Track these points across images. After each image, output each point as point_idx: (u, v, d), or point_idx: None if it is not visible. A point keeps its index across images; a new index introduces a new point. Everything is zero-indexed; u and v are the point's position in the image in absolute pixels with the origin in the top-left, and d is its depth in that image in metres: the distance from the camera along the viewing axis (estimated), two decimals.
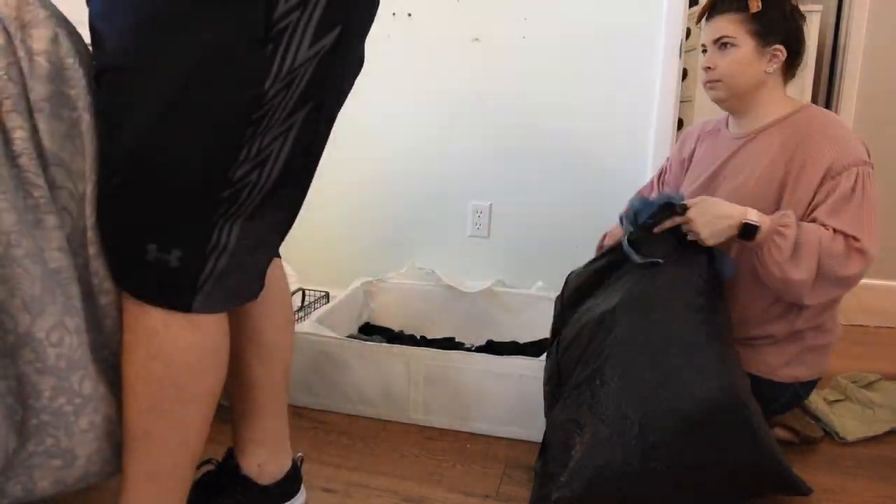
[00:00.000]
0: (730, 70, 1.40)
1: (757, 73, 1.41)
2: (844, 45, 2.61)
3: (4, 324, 0.77)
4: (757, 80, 1.41)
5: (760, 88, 1.42)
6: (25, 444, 0.82)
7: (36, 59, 0.83)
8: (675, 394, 1.15)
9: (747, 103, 1.45)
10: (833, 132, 1.36)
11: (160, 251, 0.83)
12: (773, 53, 1.40)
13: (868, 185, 1.30)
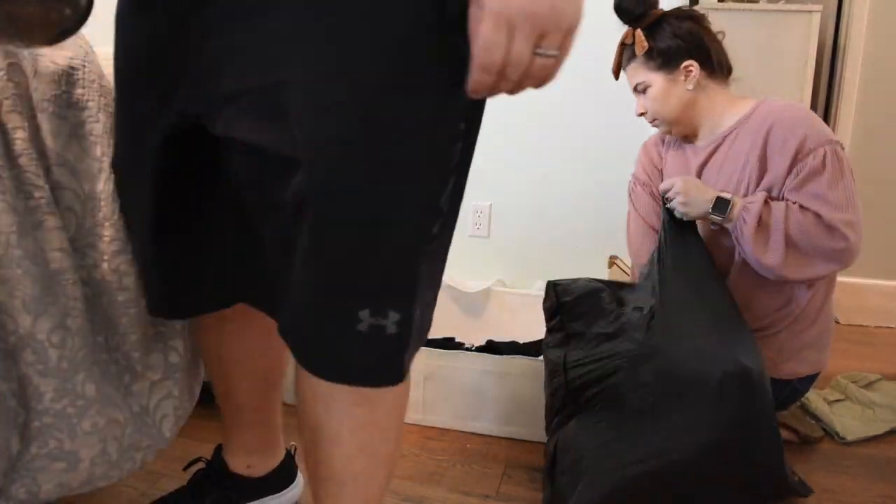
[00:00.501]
0: (655, 107, 1.46)
1: (681, 97, 1.44)
2: (844, 45, 2.61)
3: (5, 325, 0.76)
4: (684, 102, 1.44)
5: (694, 104, 1.45)
6: (28, 446, 0.81)
7: (40, 60, 0.83)
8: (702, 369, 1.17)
9: (691, 122, 1.48)
10: (796, 118, 1.36)
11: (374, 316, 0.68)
12: (685, 72, 1.42)
13: (838, 162, 1.30)
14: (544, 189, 2.19)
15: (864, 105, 2.51)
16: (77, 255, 0.86)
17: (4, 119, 0.79)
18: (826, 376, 1.85)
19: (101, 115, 0.89)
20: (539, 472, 1.41)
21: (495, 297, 2.11)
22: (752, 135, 1.39)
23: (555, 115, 2.13)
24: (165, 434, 0.98)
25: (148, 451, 0.94)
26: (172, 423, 0.99)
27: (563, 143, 2.14)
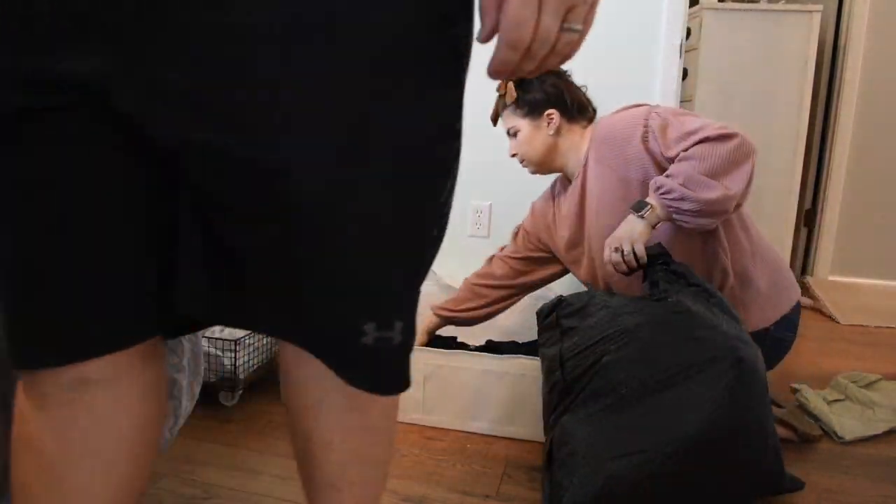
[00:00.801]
0: (524, 150, 1.63)
1: (544, 141, 1.61)
2: (844, 45, 2.61)
3: None
4: (548, 145, 1.61)
5: (557, 147, 1.62)
6: None
7: None
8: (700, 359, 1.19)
9: (554, 163, 1.64)
10: (612, 121, 1.55)
11: (380, 329, 0.64)
12: (548, 119, 1.59)
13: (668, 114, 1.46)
14: (544, 189, 2.19)
15: (864, 105, 2.51)
16: None
17: None
18: (826, 376, 1.85)
19: None
20: (539, 472, 1.41)
21: None
22: (596, 164, 1.54)
23: None
24: (167, 434, 0.98)
25: None
26: (173, 424, 0.99)
27: None
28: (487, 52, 0.59)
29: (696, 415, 1.14)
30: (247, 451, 1.48)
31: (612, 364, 1.21)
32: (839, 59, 2.65)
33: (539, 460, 1.45)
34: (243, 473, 1.39)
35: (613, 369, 1.21)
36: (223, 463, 1.43)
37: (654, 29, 2.00)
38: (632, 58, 2.03)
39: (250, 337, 1.71)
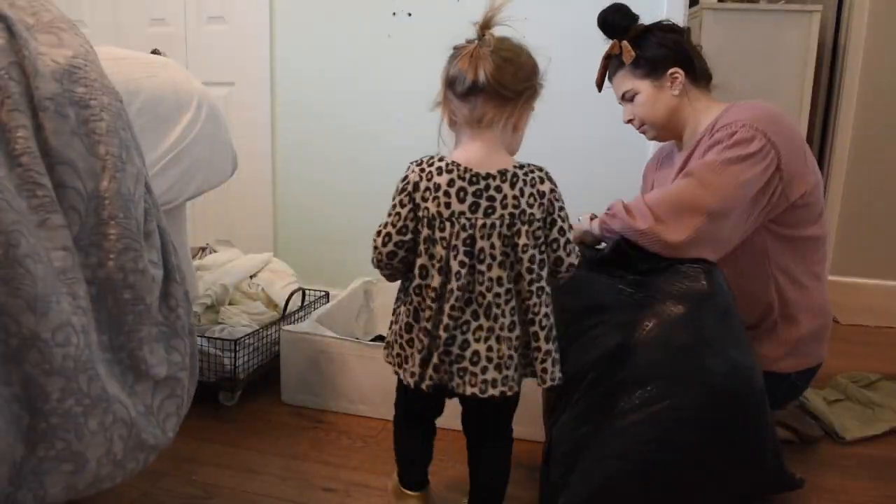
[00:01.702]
0: (643, 113, 1.51)
1: (668, 102, 1.49)
2: (844, 45, 2.61)
3: (7, 327, 0.76)
4: (671, 107, 1.49)
5: (680, 110, 1.49)
6: (34, 449, 0.80)
7: (41, 58, 0.83)
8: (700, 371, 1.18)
9: (677, 127, 1.52)
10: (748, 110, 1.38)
11: None
12: (671, 79, 1.47)
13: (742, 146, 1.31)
14: None
15: (864, 105, 2.51)
16: (81, 254, 0.86)
17: (6, 118, 0.79)
18: (826, 376, 1.85)
19: (103, 113, 0.89)
20: (538, 472, 1.41)
21: None
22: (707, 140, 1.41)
23: (554, 118, 2.13)
24: (169, 434, 0.97)
25: (152, 451, 0.94)
26: (175, 423, 0.99)
27: (562, 144, 2.14)
28: None
29: (692, 424, 1.15)
30: (247, 451, 1.48)
31: (606, 374, 1.21)
32: (839, 59, 2.64)
33: (539, 460, 1.45)
34: (243, 473, 1.39)
35: (607, 379, 1.20)
36: (223, 463, 1.43)
37: None
38: None
39: (250, 337, 1.71)
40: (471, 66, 1.05)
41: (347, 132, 2.35)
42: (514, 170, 1.08)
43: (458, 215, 1.05)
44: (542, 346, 1.08)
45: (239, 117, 2.42)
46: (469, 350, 1.06)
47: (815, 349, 1.46)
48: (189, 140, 1.37)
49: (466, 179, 1.06)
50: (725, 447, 1.17)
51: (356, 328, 2.05)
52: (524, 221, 1.05)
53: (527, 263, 1.05)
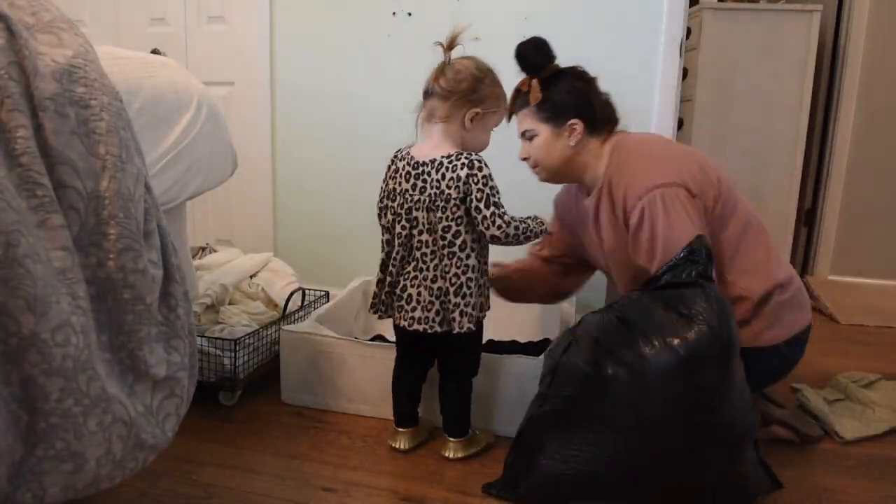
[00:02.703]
0: (539, 155, 1.53)
1: (562, 150, 1.51)
2: (844, 45, 2.61)
3: (6, 327, 0.76)
4: (565, 156, 1.52)
5: (574, 159, 1.52)
6: (34, 449, 0.80)
7: (41, 58, 0.83)
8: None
9: (571, 174, 1.56)
10: (624, 169, 1.45)
11: None
12: (570, 129, 1.49)
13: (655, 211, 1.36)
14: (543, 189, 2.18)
15: (863, 105, 2.51)
16: (81, 254, 0.86)
17: (5, 118, 0.79)
18: (826, 376, 1.85)
19: (103, 113, 0.89)
20: None
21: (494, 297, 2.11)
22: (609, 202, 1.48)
23: None
24: (168, 434, 0.97)
25: (151, 451, 0.94)
26: (175, 423, 0.99)
27: None
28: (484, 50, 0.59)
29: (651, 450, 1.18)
30: (247, 451, 1.48)
31: (588, 398, 1.23)
32: (839, 59, 2.64)
33: None
34: (243, 473, 1.39)
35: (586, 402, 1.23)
36: (223, 463, 1.43)
37: (655, 29, 1.99)
38: (632, 57, 2.03)
39: (250, 337, 1.71)
40: (431, 77, 1.42)
41: (347, 132, 2.35)
42: (442, 158, 1.37)
43: (403, 192, 1.40)
44: (452, 299, 1.37)
45: (239, 117, 2.42)
46: (406, 293, 1.40)
47: (796, 316, 1.48)
48: (189, 140, 1.37)
49: (412, 165, 1.41)
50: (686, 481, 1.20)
51: (355, 328, 2.05)
52: (443, 199, 1.36)
53: (440, 232, 1.36)
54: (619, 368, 1.20)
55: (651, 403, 1.17)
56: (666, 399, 1.16)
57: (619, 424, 1.19)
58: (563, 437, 1.24)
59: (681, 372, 1.16)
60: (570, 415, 1.25)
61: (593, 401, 1.21)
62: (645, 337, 1.20)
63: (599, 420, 1.21)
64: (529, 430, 1.32)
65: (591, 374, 1.22)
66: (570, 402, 1.25)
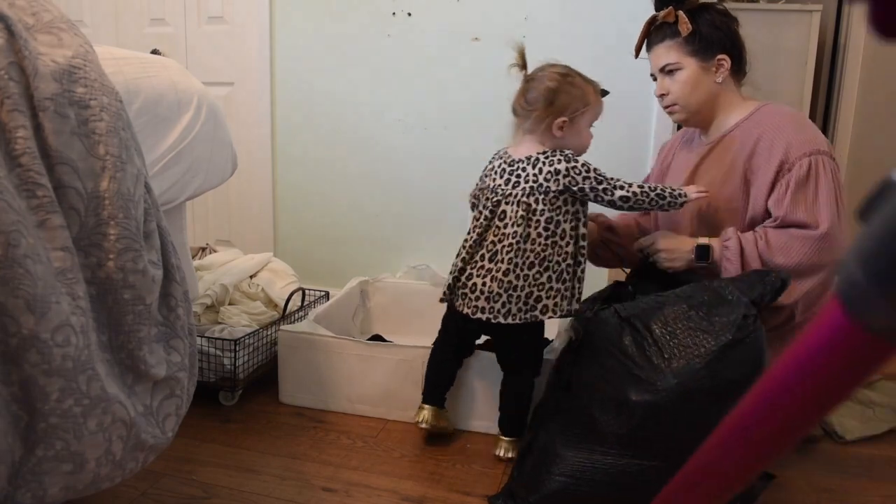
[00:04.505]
0: (682, 92, 1.44)
1: (708, 87, 1.44)
2: (844, 45, 2.61)
3: (6, 327, 0.76)
4: (710, 93, 1.45)
5: (716, 99, 1.46)
6: (34, 449, 0.80)
7: (41, 58, 0.83)
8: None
9: (708, 116, 1.49)
10: (785, 126, 1.37)
11: None
12: (718, 64, 1.42)
13: (822, 173, 1.31)
14: None
15: (864, 105, 2.51)
16: (81, 254, 0.86)
17: (5, 118, 0.79)
18: None
19: (103, 113, 0.89)
20: None
21: None
22: (742, 141, 1.41)
23: None
24: (168, 434, 0.97)
25: (151, 451, 0.94)
26: (175, 423, 0.99)
27: None
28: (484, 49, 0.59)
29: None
30: (247, 451, 1.48)
31: (606, 422, 1.20)
32: (839, 59, 2.64)
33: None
34: (243, 473, 1.39)
35: (604, 423, 1.20)
36: (223, 463, 1.43)
37: None
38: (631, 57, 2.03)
39: (250, 337, 1.71)
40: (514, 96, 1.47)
41: (347, 132, 2.35)
42: (538, 155, 1.41)
43: (495, 187, 1.45)
44: (553, 286, 1.39)
45: (239, 117, 2.42)
46: (471, 281, 1.44)
47: None
48: (189, 140, 1.37)
49: (507, 162, 1.45)
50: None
51: (352, 327, 2.05)
52: (541, 192, 1.38)
53: (543, 224, 1.38)
54: (633, 391, 1.16)
55: (673, 420, 1.14)
56: (690, 418, 1.13)
57: (641, 444, 1.15)
58: (577, 455, 1.20)
59: (703, 392, 1.13)
60: (584, 435, 1.21)
61: (608, 425, 1.18)
62: (662, 355, 1.16)
63: (619, 439, 1.17)
64: (541, 444, 1.27)
65: (605, 395, 1.19)
66: (584, 422, 1.21)
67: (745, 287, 1.19)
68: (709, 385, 1.12)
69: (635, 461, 1.16)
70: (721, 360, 1.13)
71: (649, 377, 1.15)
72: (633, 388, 1.16)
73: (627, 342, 1.20)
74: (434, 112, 2.23)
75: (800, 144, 1.33)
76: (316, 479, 1.37)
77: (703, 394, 1.12)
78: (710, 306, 1.19)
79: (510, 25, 2.10)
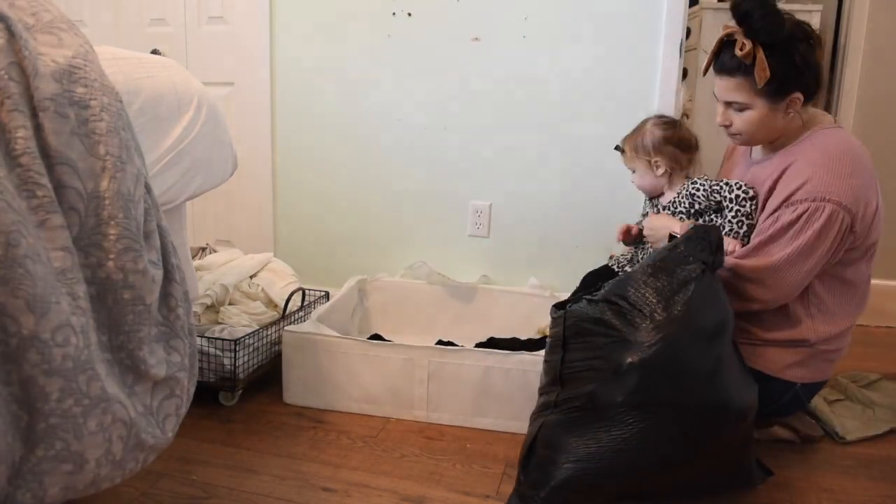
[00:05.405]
0: (747, 129, 1.40)
1: (777, 123, 1.38)
2: (844, 45, 2.61)
3: (6, 327, 0.76)
4: (779, 128, 1.40)
5: (783, 128, 1.41)
6: (34, 449, 0.80)
7: (41, 58, 0.83)
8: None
9: (771, 141, 1.46)
10: (816, 163, 1.33)
11: None
12: (791, 102, 1.35)
13: (815, 221, 1.29)
14: (544, 189, 2.19)
15: (864, 105, 2.51)
16: (81, 254, 0.86)
17: (5, 118, 0.79)
18: None
19: (103, 113, 0.89)
20: None
21: (489, 294, 2.14)
22: (783, 161, 1.40)
23: (555, 117, 2.13)
24: (168, 434, 0.97)
25: (151, 451, 0.94)
26: (175, 423, 0.99)
27: (563, 143, 2.14)
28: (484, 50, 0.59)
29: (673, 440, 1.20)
30: (247, 451, 1.48)
31: (606, 392, 1.21)
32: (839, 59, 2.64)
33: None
34: (243, 473, 1.39)
35: (605, 396, 1.21)
36: (223, 463, 1.43)
37: (655, 29, 1.99)
38: (632, 57, 2.03)
39: (250, 337, 1.71)
40: None
41: (347, 132, 2.35)
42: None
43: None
44: None
45: (239, 117, 2.42)
46: None
47: (825, 367, 1.47)
48: (189, 140, 1.36)
49: None
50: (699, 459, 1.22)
51: (351, 327, 2.05)
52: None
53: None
54: (626, 356, 1.20)
55: (665, 382, 1.18)
56: (680, 367, 1.19)
57: (640, 404, 1.19)
58: (582, 438, 1.22)
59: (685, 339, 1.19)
60: (586, 416, 1.23)
61: (608, 397, 1.20)
62: (642, 314, 1.21)
63: (617, 414, 1.20)
64: (543, 439, 1.28)
65: (600, 371, 1.22)
66: (584, 404, 1.23)
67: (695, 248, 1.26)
68: (687, 331, 1.20)
69: (637, 423, 1.19)
70: (693, 307, 1.20)
71: (636, 339, 1.20)
72: (626, 352, 1.20)
73: (608, 317, 1.24)
74: (434, 112, 2.23)
75: (814, 187, 1.30)
76: (316, 479, 1.37)
77: (685, 341, 1.19)
78: (670, 265, 1.25)
79: (510, 25, 2.10)
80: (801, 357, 1.43)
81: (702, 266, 1.24)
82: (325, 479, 1.38)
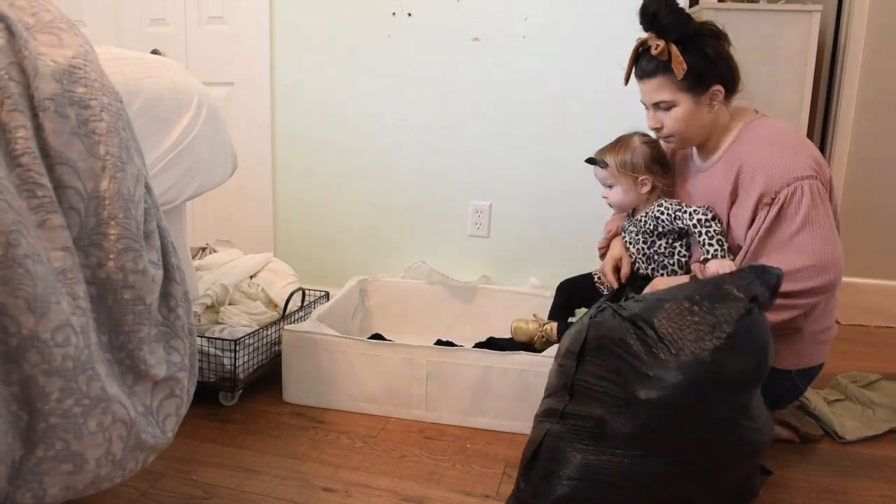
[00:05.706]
0: (677, 127, 1.43)
1: (703, 119, 1.42)
2: (844, 45, 2.61)
3: (6, 327, 0.76)
4: (706, 123, 1.43)
5: (711, 125, 1.45)
6: (34, 449, 0.80)
7: (41, 58, 0.83)
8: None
9: (702, 141, 1.49)
10: (763, 154, 1.36)
11: None
12: (713, 95, 1.40)
13: (801, 201, 1.30)
14: (544, 189, 2.19)
15: (864, 105, 2.51)
16: (81, 254, 0.86)
17: (5, 118, 0.79)
18: (826, 376, 1.85)
19: (103, 113, 0.89)
20: None
21: (488, 294, 2.14)
22: (728, 166, 1.42)
23: (554, 117, 2.13)
24: (168, 434, 0.97)
25: (151, 451, 0.94)
26: (175, 423, 0.99)
27: (563, 143, 2.14)
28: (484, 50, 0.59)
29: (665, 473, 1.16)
30: (247, 451, 1.48)
31: (614, 423, 1.17)
32: (839, 60, 2.64)
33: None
34: (243, 473, 1.39)
35: (612, 426, 1.17)
36: (223, 463, 1.43)
37: None
38: None
39: (250, 337, 1.71)
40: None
41: (347, 132, 2.35)
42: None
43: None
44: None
45: (239, 117, 2.42)
46: None
47: (818, 350, 1.46)
48: (189, 140, 1.37)
49: None
50: (707, 491, 1.18)
51: (352, 327, 2.06)
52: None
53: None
54: (641, 389, 1.14)
55: (678, 424, 1.13)
56: (698, 412, 1.13)
57: (649, 441, 1.14)
58: (586, 459, 1.18)
59: (710, 385, 1.12)
60: (593, 438, 1.18)
61: (618, 426, 1.16)
62: (668, 349, 1.15)
63: (625, 445, 1.15)
64: (549, 449, 1.24)
65: (612, 397, 1.17)
66: (592, 426, 1.19)
67: (744, 285, 1.18)
68: (714, 378, 1.12)
69: (643, 459, 1.15)
70: (726, 352, 1.12)
71: (657, 374, 1.14)
72: (641, 385, 1.14)
73: (632, 341, 1.18)
74: (434, 112, 2.23)
75: (779, 174, 1.32)
76: (316, 479, 1.38)
77: (710, 387, 1.12)
78: (711, 301, 1.18)
79: (510, 25, 2.10)
80: (792, 344, 1.42)
81: (748, 305, 1.15)
82: (325, 479, 1.38)
